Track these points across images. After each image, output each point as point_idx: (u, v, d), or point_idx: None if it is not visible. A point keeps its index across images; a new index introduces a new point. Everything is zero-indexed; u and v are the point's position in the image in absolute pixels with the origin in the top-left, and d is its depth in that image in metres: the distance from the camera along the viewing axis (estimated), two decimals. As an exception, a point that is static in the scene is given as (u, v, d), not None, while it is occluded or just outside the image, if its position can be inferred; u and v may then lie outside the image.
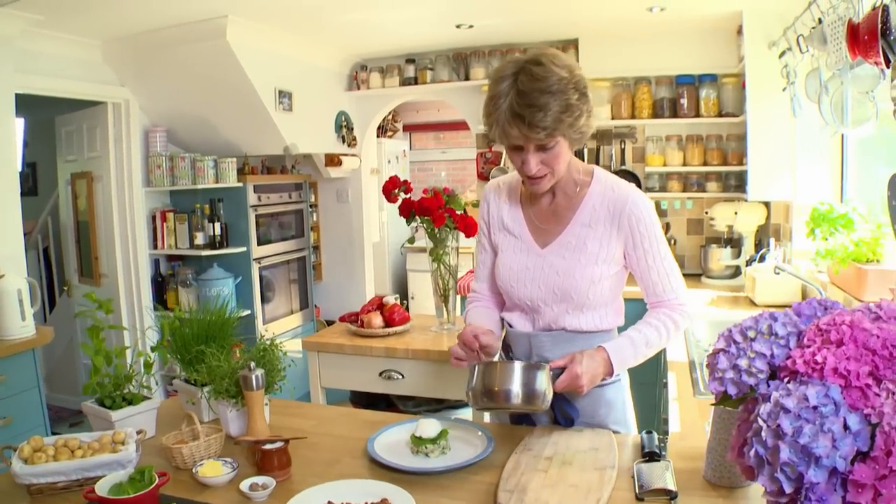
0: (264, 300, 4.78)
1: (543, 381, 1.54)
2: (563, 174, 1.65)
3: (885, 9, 1.89)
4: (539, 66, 1.50)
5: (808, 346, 0.97)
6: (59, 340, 4.53)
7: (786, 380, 0.94)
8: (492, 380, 1.54)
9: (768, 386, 0.98)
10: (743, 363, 1.00)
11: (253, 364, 1.63)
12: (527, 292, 1.72)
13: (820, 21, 2.50)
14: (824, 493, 0.85)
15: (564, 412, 1.69)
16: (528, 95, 1.49)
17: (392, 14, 3.91)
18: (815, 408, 0.87)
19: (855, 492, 0.84)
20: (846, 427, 0.86)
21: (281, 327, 4.91)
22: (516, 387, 1.52)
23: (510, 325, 1.82)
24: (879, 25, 1.90)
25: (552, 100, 1.48)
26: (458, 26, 4.20)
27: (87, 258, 4.74)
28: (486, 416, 2.25)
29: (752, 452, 0.90)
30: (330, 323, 5.62)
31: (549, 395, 1.55)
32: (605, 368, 1.61)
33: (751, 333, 1.03)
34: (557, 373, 1.58)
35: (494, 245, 1.83)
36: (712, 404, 1.22)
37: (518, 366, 1.55)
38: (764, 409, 0.90)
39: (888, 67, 1.95)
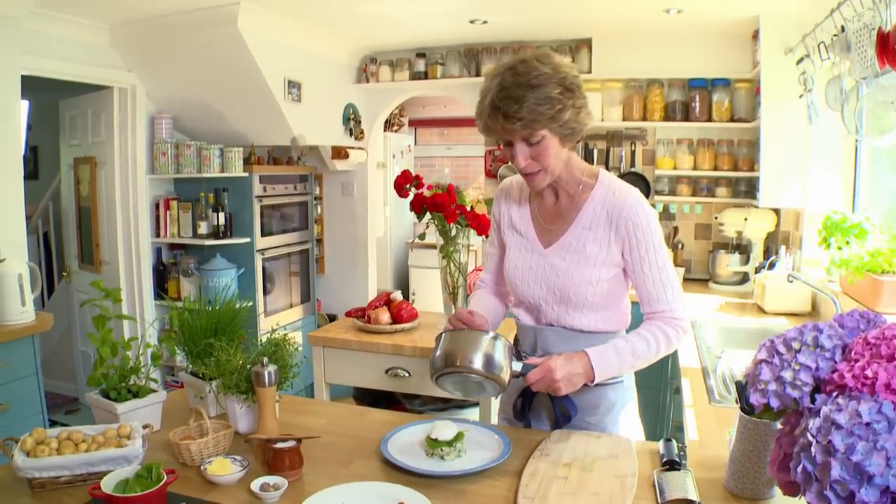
0: (266, 292, 4.73)
1: (502, 351, 1.56)
2: (558, 172, 1.66)
3: (918, 17, 1.86)
4: (524, 63, 1.54)
5: (857, 360, 0.93)
6: (56, 327, 4.46)
7: (834, 394, 0.91)
8: (455, 345, 1.58)
9: (813, 400, 0.95)
10: (787, 375, 0.97)
11: (266, 360, 1.59)
12: (530, 291, 1.74)
13: (843, 29, 2.46)
14: (874, 513, 0.82)
15: (563, 407, 1.70)
16: (507, 89, 1.52)
17: (405, 8, 3.87)
18: (867, 424, 0.83)
19: (907, 513, 0.81)
20: (900, 446, 0.83)
21: (282, 320, 4.87)
22: (478, 353, 1.54)
23: (518, 319, 1.84)
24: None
25: (529, 92, 1.51)
26: (471, 22, 4.15)
27: (87, 244, 4.68)
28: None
29: (799, 468, 0.86)
30: (331, 317, 5.58)
31: (508, 369, 1.56)
32: (584, 372, 1.59)
33: (795, 345, 0.99)
34: (531, 367, 1.59)
35: (503, 242, 1.86)
36: (754, 417, 1.19)
37: (480, 334, 1.58)
38: (813, 424, 0.87)
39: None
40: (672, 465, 1.46)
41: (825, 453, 0.84)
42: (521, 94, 1.51)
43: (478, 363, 1.53)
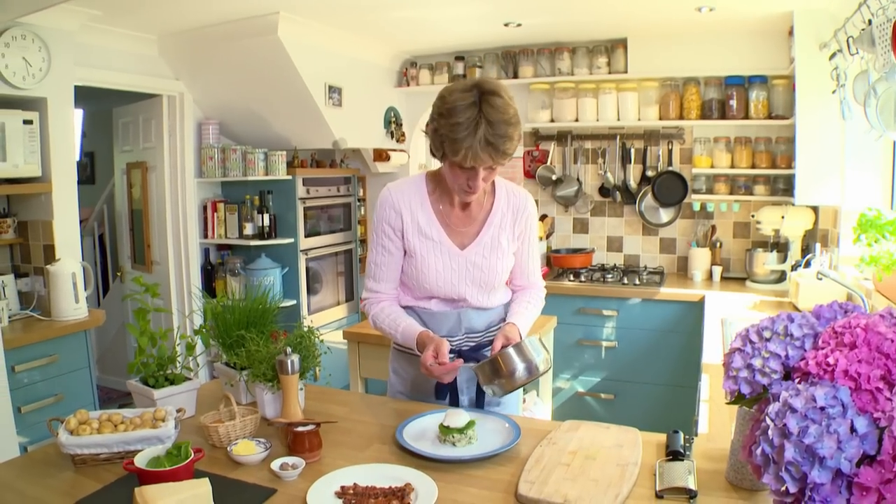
0: (311, 291, 4.87)
1: (539, 348, 1.74)
2: None
3: (934, 11, 1.85)
4: (498, 97, 1.72)
5: (823, 348, 0.98)
6: (111, 324, 4.71)
7: (797, 380, 0.95)
8: (498, 371, 1.69)
9: (781, 386, 0.99)
10: (757, 363, 1.02)
11: (289, 349, 1.70)
12: (454, 289, 1.95)
13: (870, 22, 2.45)
14: (829, 494, 0.86)
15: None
16: (497, 126, 1.70)
17: (441, 12, 3.94)
18: (822, 409, 0.88)
19: (859, 494, 0.84)
20: (853, 429, 0.87)
21: (326, 318, 5.00)
22: (520, 366, 1.69)
23: (430, 309, 1.99)
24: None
25: (514, 131, 1.74)
26: (505, 25, 4.21)
27: (140, 245, 4.90)
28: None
29: (758, 451, 0.91)
30: (374, 315, 5.69)
31: (544, 357, 1.74)
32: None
33: (766, 334, 1.04)
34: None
35: (410, 249, 1.95)
36: (726, 403, 1.23)
37: (511, 350, 1.71)
38: (772, 408, 0.91)
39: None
40: (675, 455, 1.50)
41: (781, 436, 0.89)
42: (511, 133, 1.73)
43: (525, 373, 1.69)
